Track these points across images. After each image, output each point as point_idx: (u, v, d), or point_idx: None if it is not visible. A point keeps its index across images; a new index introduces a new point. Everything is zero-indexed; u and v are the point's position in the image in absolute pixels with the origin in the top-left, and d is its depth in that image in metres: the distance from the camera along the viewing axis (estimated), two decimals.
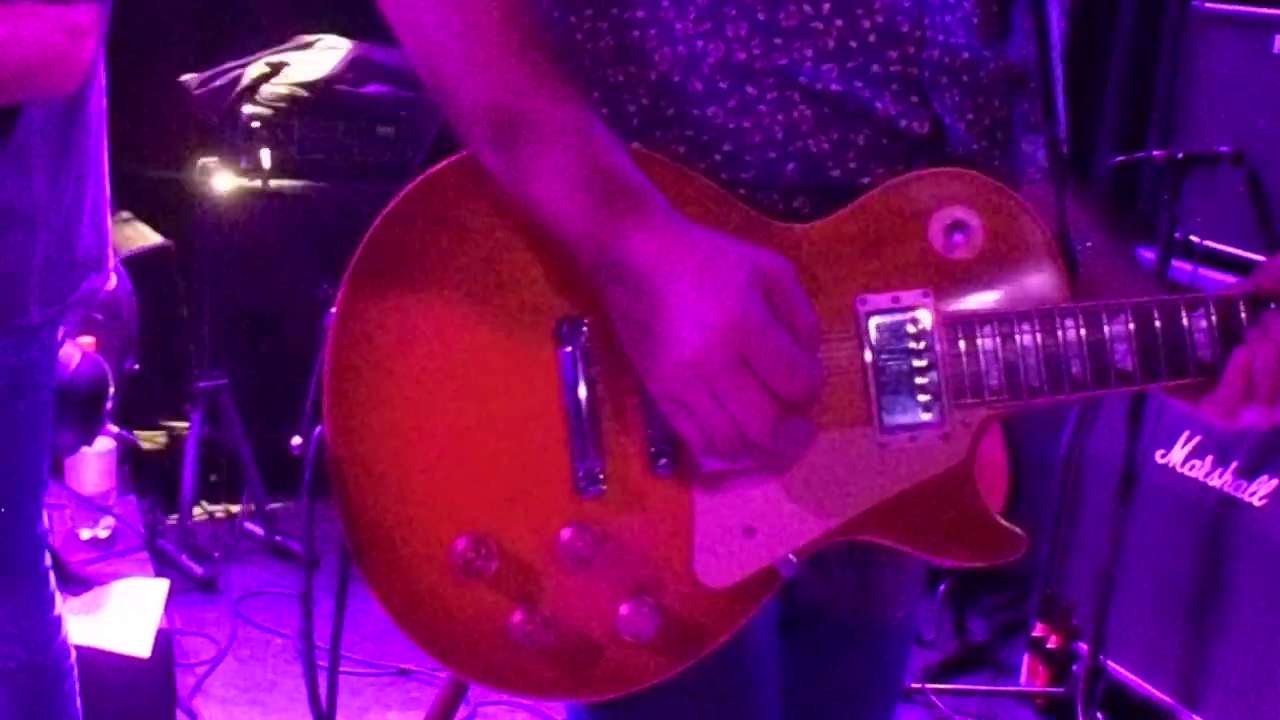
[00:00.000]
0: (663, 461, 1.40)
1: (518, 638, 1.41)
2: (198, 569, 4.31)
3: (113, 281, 2.60)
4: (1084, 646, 3.63)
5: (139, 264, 4.59)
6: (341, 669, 1.62)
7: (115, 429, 4.04)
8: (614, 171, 1.35)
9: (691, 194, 1.41)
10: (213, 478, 4.68)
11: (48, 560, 2.58)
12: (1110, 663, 3.60)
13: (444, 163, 1.42)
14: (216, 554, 4.46)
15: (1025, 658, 3.89)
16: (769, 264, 1.34)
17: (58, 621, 2.60)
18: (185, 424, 4.59)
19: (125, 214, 4.84)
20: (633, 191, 1.34)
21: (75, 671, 2.66)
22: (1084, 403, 3.43)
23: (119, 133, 5.06)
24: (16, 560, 2.51)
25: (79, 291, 2.40)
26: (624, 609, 1.40)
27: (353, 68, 4.83)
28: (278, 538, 4.52)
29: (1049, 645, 3.79)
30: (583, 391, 1.39)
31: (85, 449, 3.88)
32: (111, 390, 3.80)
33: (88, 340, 3.82)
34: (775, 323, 1.31)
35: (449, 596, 1.42)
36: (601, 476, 1.40)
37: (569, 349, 1.39)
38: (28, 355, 2.36)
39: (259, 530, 4.56)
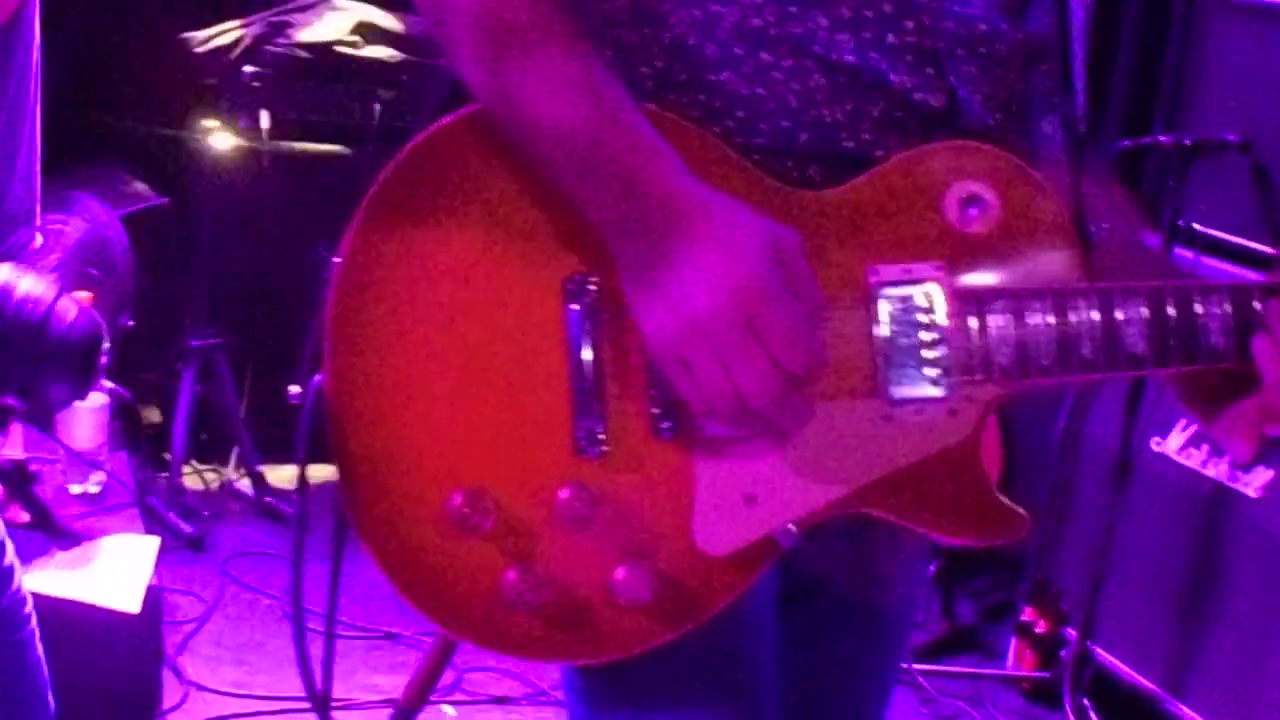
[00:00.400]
0: (665, 425, 1.39)
1: (511, 596, 1.40)
2: (187, 527, 4.30)
3: (39, 241, 2.55)
4: (1073, 632, 3.62)
5: (136, 221, 4.57)
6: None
7: (109, 384, 4.02)
8: (628, 125, 1.34)
9: (705, 156, 1.40)
10: (204, 436, 4.66)
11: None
12: (1099, 650, 3.59)
13: (453, 115, 1.41)
14: (206, 513, 4.45)
15: (1013, 641, 3.88)
16: (782, 234, 1.33)
17: (9, 572, 2.54)
18: (178, 382, 4.57)
19: (123, 172, 4.82)
20: (646, 145, 1.34)
21: (32, 622, 2.60)
22: (1085, 385, 3.42)
23: (118, 90, 5.08)
24: None
25: (5, 244, 2.36)
26: (620, 572, 1.39)
27: (356, 30, 4.80)
28: (267, 498, 4.51)
29: (1037, 630, 3.78)
30: (587, 351, 1.38)
31: (78, 404, 3.86)
32: (106, 345, 3.78)
33: (84, 295, 3.80)
34: (785, 293, 1.30)
35: (443, 552, 1.41)
36: (602, 437, 1.39)
37: (575, 306, 1.38)
38: None
39: (248, 491, 4.54)
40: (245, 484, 4.59)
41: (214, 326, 4.57)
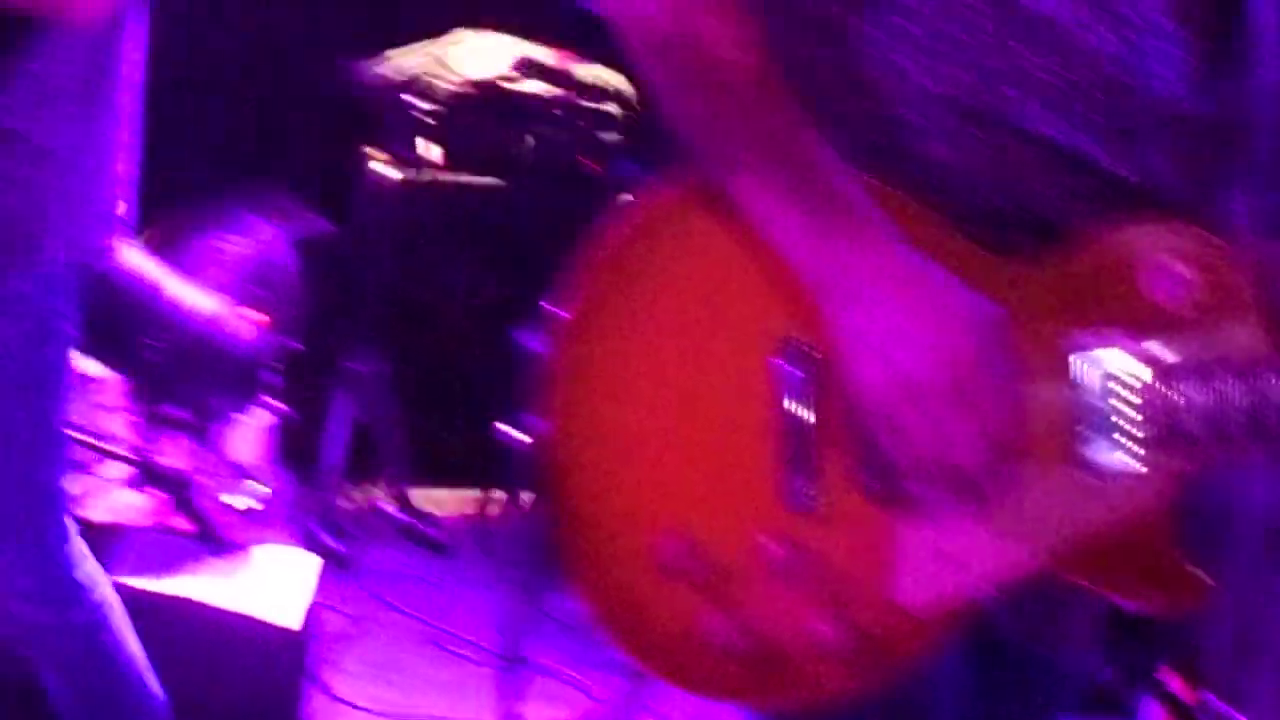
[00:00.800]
0: (873, 484, 1.44)
1: (711, 640, 1.46)
2: (337, 545, 4.39)
3: (128, 256, 2.60)
4: (1216, 700, 3.59)
5: (301, 246, 4.70)
6: (476, 659, 1.67)
7: (269, 400, 4.13)
8: (842, 191, 1.40)
9: (914, 224, 1.45)
10: (359, 457, 4.76)
11: (67, 519, 2.55)
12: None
13: (671, 173, 1.47)
14: (356, 532, 4.55)
15: (1152, 705, 3.85)
16: (989, 307, 1.40)
17: (88, 579, 2.57)
18: (335, 402, 4.68)
19: (290, 196, 4.95)
20: (861, 211, 1.40)
21: (112, 624, 2.62)
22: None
23: (283, 118, 5.22)
24: (34, 515, 2.49)
25: (99, 244, 2.42)
26: (820, 623, 1.44)
27: (517, 66, 4.89)
28: (417, 522, 4.60)
29: (1178, 695, 3.75)
30: (797, 407, 1.43)
31: (240, 418, 3.98)
32: (269, 363, 3.91)
33: (250, 312, 3.93)
34: (993, 362, 1.35)
35: (648, 593, 1.47)
36: (810, 493, 1.44)
37: (788, 366, 1.44)
38: (53, 301, 2.36)
39: (399, 513, 4.64)
40: (394, 506, 4.69)
41: (372, 350, 4.68)
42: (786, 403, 1.43)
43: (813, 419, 1.43)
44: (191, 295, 3.80)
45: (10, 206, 2.25)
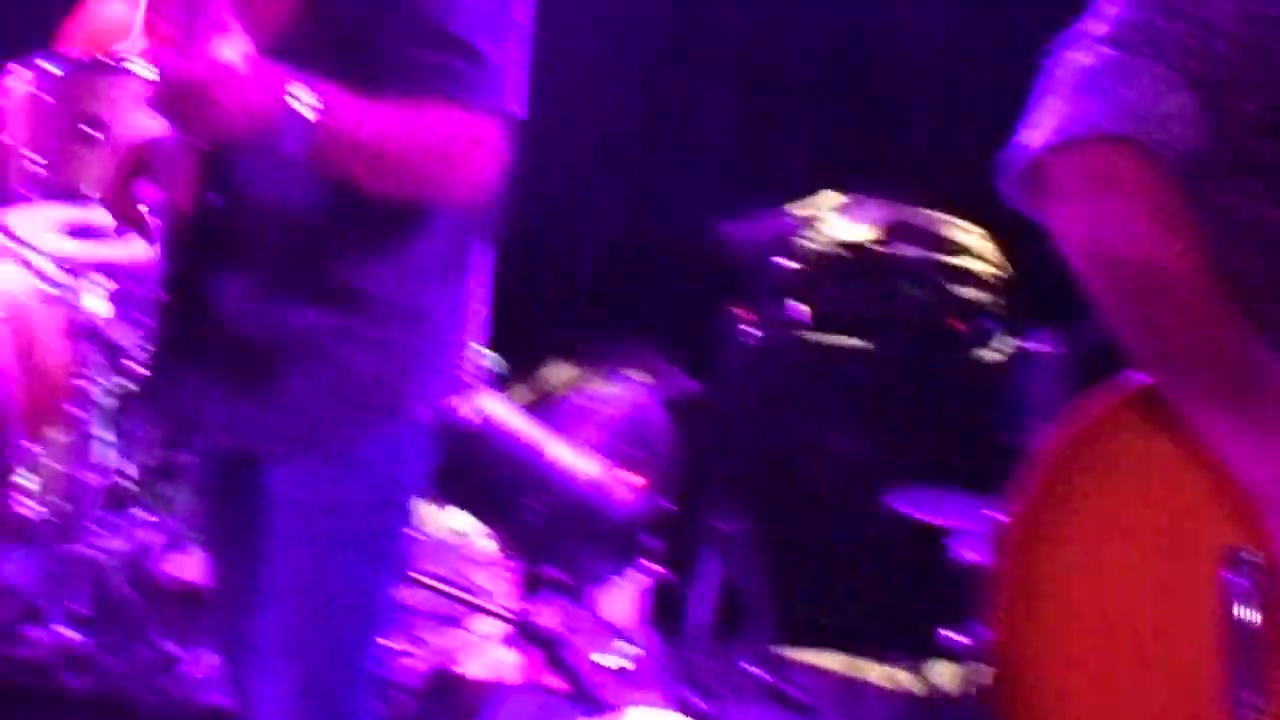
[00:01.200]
0: None
1: None
2: (705, 706, 4.40)
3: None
4: None
5: (669, 404, 4.78)
6: None
7: (646, 563, 4.19)
8: None
9: None
10: (724, 616, 4.77)
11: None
12: None
13: (1116, 386, 1.45)
14: (723, 693, 4.54)
15: None
16: None
17: None
18: (704, 563, 4.71)
19: (658, 353, 5.05)
20: None
21: None
22: None
23: (652, 276, 5.35)
24: (337, 681, 2.39)
25: (453, 402, 2.41)
26: None
27: (887, 228, 4.91)
28: (781, 684, 4.57)
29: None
30: (1245, 618, 1.38)
31: (614, 578, 4.05)
32: (647, 525, 3.97)
33: (628, 474, 4.00)
34: None
35: None
36: (1257, 705, 1.38)
37: (1235, 577, 1.39)
38: (401, 463, 2.36)
39: (766, 675, 4.62)
40: (761, 667, 4.67)
41: (739, 510, 4.70)
42: (1235, 612, 1.38)
43: (1260, 628, 1.38)
44: (571, 456, 3.90)
45: (370, 368, 2.30)
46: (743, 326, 4.75)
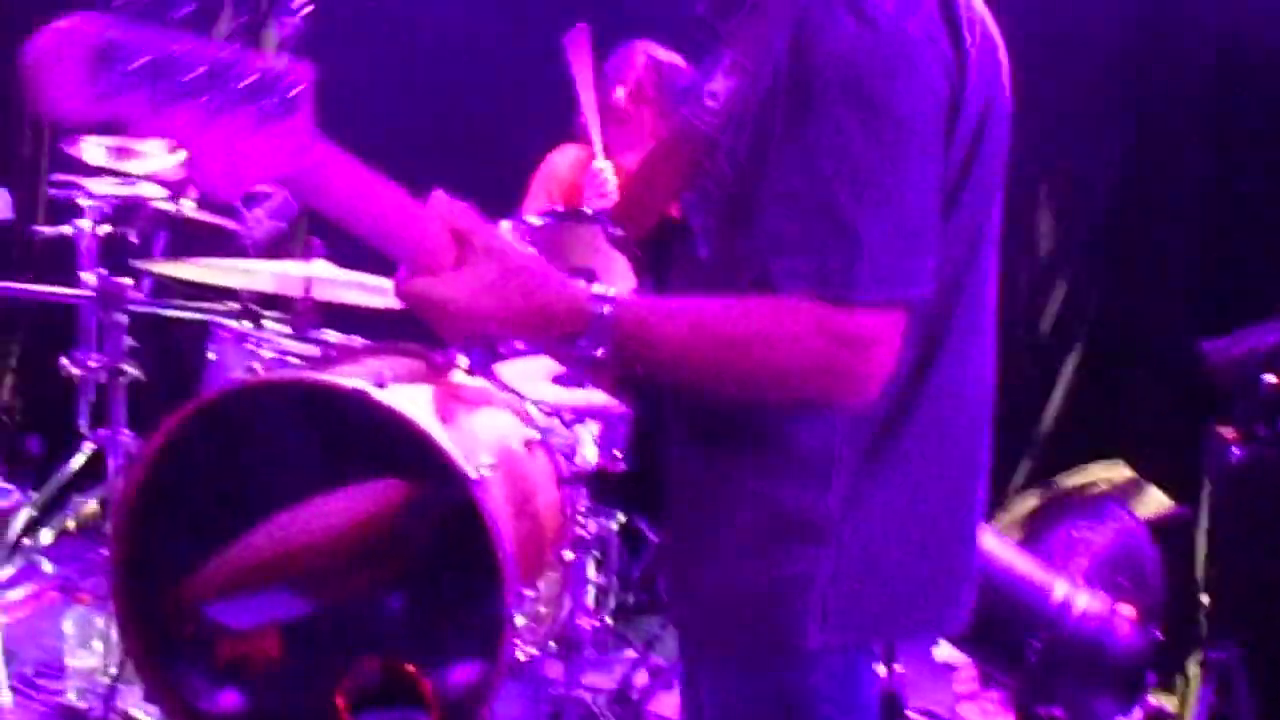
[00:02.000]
0: None
1: None
2: None
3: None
4: None
5: (1156, 529, 4.61)
6: None
7: (1149, 699, 4.02)
8: None
9: None
10: None
11: None
12: None
13: None
14: None
15: None
16: None
17: None
18: (1202, 693, 4.50)
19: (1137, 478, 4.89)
20: None
21: None
22: None
23: (1134, 397, 5.19)
24: None
25: (887, 618, 2.10)
26: None
27: None
28: None
29: None
30: None
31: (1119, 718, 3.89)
32: (1151, 661, 3.81)
33: (1126, 608, 3.85)
34: None
35: None
36: None
37: None
38: (804, 683, 2.07)
39: None
40: None
41: (1231, 637, 4.47)
42: None
43: None
44: (1074, 595, 3.78)
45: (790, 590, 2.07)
46: (1229, 446, 4.55)
